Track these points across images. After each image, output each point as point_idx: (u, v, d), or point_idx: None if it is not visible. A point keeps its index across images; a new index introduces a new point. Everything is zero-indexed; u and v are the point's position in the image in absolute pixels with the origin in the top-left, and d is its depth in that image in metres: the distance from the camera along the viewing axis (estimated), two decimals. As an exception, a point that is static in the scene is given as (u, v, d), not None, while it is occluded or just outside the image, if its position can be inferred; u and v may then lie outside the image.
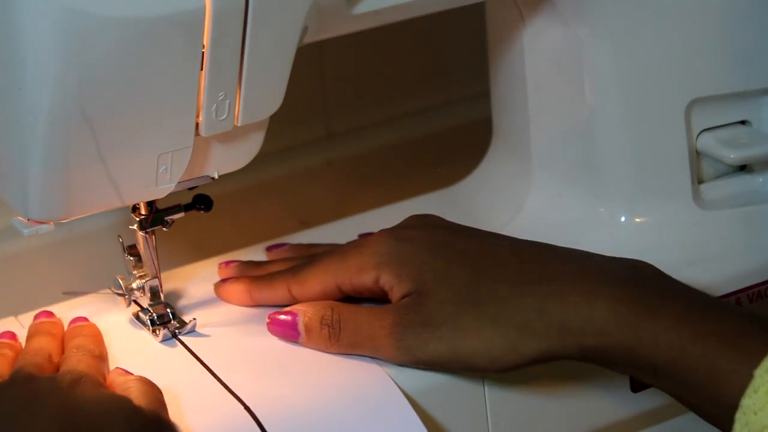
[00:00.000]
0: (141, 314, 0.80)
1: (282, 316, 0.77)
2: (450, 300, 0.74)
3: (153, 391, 0.71)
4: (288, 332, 0.77)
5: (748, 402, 0.65)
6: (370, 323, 0.75)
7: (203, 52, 0.69)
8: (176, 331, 0.79)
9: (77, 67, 0.66)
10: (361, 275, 0.76)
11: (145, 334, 0.80)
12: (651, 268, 0.76)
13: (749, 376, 0.66)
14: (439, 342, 0.73)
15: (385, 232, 0.78)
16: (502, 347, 0.72)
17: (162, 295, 0.80)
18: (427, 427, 0.72)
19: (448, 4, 0.84)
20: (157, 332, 0.79)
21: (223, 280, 0.83)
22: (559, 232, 0.81)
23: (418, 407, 0.73)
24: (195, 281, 0.85)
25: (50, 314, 0.80)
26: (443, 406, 0.75)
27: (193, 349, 0.78)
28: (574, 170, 0.88)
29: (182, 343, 0.79)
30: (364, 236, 0.79)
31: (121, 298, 0.81)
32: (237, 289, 0.82)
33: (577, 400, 0.80)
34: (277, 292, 0.80)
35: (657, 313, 0.71)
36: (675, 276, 0.76)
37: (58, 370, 0.74)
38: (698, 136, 0.87)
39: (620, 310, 0.71)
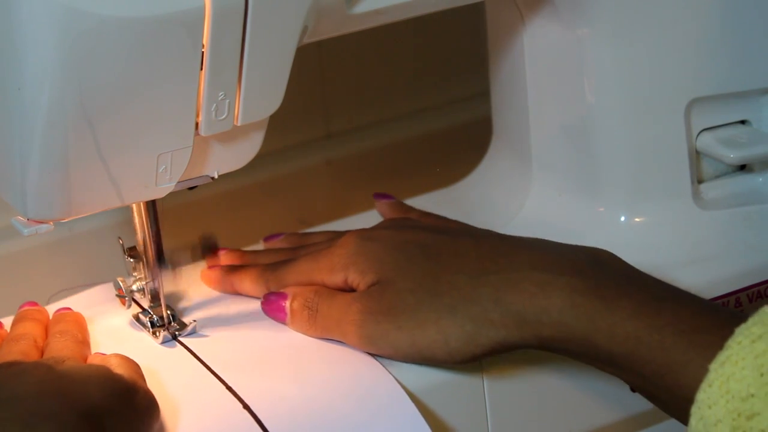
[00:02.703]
0: (141, 316, 0.80)
1: (273, 297, 0.79)
2: (409, 290, 0.74)
3: (130, 363, 0.72)
4: (277, 312, 0.79)
5: (702, 396, 0.65)
6: (339, 309, 0.76)
7: (203, 52, 0.69)
8: (176, 333, 0.79)
9: (77, 67, 0.66)
10: (331, 276, 0.78)
11: (145, 336, 0.80)
12: (611, 257, 0.76)
13: (704, 370, 0.65)
14: (398, 331, 0.74)
15: (354, 232, 0.79)
16: (459, 338, 0.73)
17: (162, 297, 0.80)
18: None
19: (448, 4, 0.84)
20: (157, 334, 0.79)
21: (210, 267, 0.85)
22: (559, 232, 0.81)
23: (418, 406, 0.73)
24: (195, 283, 0.85)
25: (35, 304, 0.81)
26: (443, 406, 0.75)
27: (194, 351, 0.78)
28: (574, 170, 0.88)
29: (183, 344, 0.79)
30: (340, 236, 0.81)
31: (120, 300, 0.81)
32: (220, 277, 0.83)
33: (576, 400, 0.80)
34: (256, 286, 0.82)
35: (613, 303, 0.71)
36: (675, 276, 0.76)
37: (42, 355, 0.75)
38: (698, 135, 0.87)
39: (577, 301, 0.71)
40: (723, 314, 0.70)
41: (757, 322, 0.65)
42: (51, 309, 0.82)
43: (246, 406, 0.72)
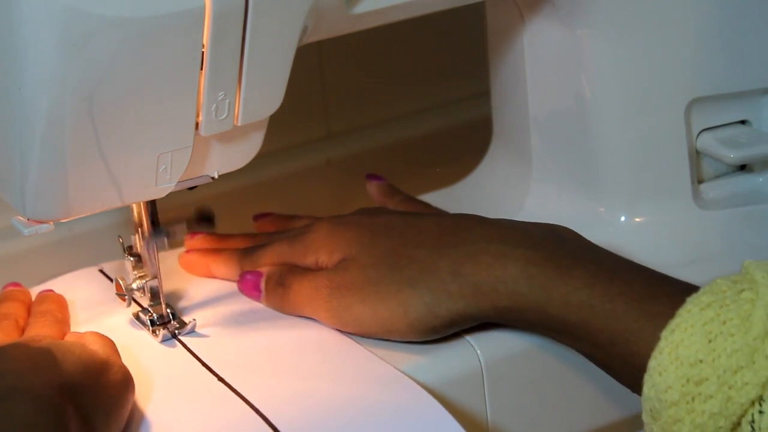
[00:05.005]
0: (141, 314, 0.80)
1: (249, 276, 0.81)
2: (372, 264, 0.77)
3: (104, 339, 0.74)
4: (251, 290, 0.81)
5: (653, 363, 0.66)
6: (308, 285, 0.78)
7: (203, 52, 0.69)
8: (176, 331, 0.79)
9: (77, 67, 0.66)
10: (304, 259, 0.80)
11: (144, 335, 0.80)
12: (568, 231, 0.78)
13: (656, 338, 0.66)
14: (361, 304, 0.76)
15: (327, 218, 0.83)
16: (418, 309, 0.75)
17: (162, 296, 0.80)
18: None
19: (448, 4, 0.84)
20: (157, 332, 0.79)
21: (187, 252, 0.86)
22: (559, 232, 0.81)
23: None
24: (195, 281, 0.85)
25: (19, 285, 0.83)
26: (443, 406, 0.75)
27: (193, 350, 0.78)
28: (574, 170, 0.88)
29: (182, 343, 0.79)
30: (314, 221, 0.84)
31: (120, 299, 0.81)
32: (197, 261, 0.85)
33: (576, 399, 0.80)
34: (231, 269, 0.84)
35: (567, 273, 0.72)
36: (675, 276, 0.76)
37: (23, 334, 0.77)
38: (698, 135, 0.87)
39: (531, 271, 0.73)
40: (676, 285, 0.71)
41: (707, 291, 0.67)
42: (35, 291, 0.83)
43: (248, 403, 0.72)
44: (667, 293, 0.70)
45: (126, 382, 0.71)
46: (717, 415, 0.64)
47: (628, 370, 0.70)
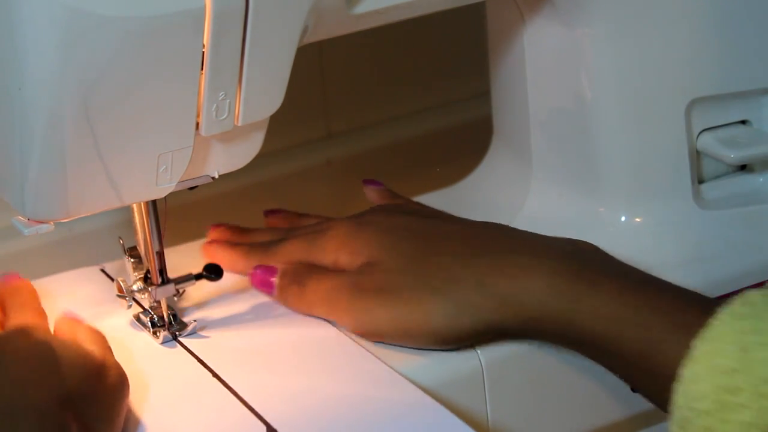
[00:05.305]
0: (142, 316, 0.80)
1: (260, 270, 0.81)
2: (396, 270, 0.76)
3: (98, 336, 0.73)
4: (264, 284, 0.81)
5: (686, 372, 0.66)
6: (328, 286, 0.78)
7: (203, 52, 0.69)
8: (177, 333, 0.79)
9: (77, 67, 0.66)
10: (322, 257, 0.80)
11: (145, 336, 0.80)
12: (593, 247, 0.78)
13: (686, 348, 0.66)
14: (383, 309, 0.75)
15: (346, 218, 0.82)
16: (441, 318, 0.74)
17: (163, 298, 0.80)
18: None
19: (448, 4, 0.84)
20: (158, 334, 0.79)
21: (210, 242, 0.86)
22: (559, 232, 0.81)
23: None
24: (196, 283, 0.85)
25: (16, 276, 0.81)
26: (443, 405, 0.75)
27: (194, 351, 0.78)
28: (574, 170, 0.88)
29: (183, 345, 0.79)
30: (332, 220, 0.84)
31: (121, 300, 0.81)
32: (217, 252, 0.85)
33: (576, 399, 0.80)
34: (249, 262, 0.83)
35: (596, 285, 0.72)
36: (675, 276, 0.76)
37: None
38: (698, 135, 0.87)
39: (558, 282, 0.73)
40: (704, 298, 0.72)
41: (741, 302, 0.67)
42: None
43: (247, 406, 0.72)
44: (697, 305, 0.70)
45: (123, 384, 0.71)
46: (751, 425, 0.64)
47: (657, 381, 0.70)
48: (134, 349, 0.78)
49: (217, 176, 0.77)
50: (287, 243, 0.82)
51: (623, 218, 0.87)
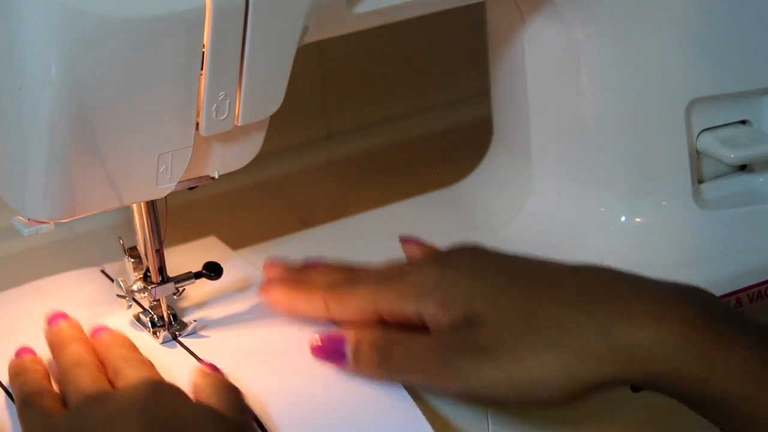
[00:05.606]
0: (142, 316, 0.80)
1: (329, 340, 0.73)
2: (505, 325, 0.69)
3: (237, 397, 0.69)
4: (334, 356, 0.73)
5: None
6: (422, 347, 0.70)
7: (203, 52, 0.69)
8: (177, 333, 0.79)
9: (77, 67, 0.66)
10: (401, 305, 0.72)
11: (145, 336, 0.80)
12: (706, 292, 0.71)
13: None
14: (494, 369, 0.68)
15: (427, 258, 0.75)
16: (561, 374, 0.67)
17: (163, 297, 0.80)
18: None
19: (448, 4, 0.84)
20: (158, 334, 0.79)
21: (267, 283, 0.79)
22: (559, 232, 0.81)
23: (419, 404, 0.73)
24: (196, 283, 0.85)
25: (65, 315, 0.78)
26: (443, 405, 0.75)
27: (194, 351, 0.78)
28: (574, 170, 0.88)
29: (183, 345, 0.79)
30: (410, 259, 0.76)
31: (121, 300, 0.81)
32: (279, 298, 0.78)
33: (578, 405, 0.80)
34: (313, 304, 0.76)
35: (729, 340, 0.66)
36: (675, 276, 0.75)
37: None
38: (698, 135, 0.87)
39: (692, 335, 0.66)
40: None
41: None
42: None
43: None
44: None
45: None
46: None
47: None
48: (134, 349, 0.78)
49: (217, 176, 0.77)
50: (358, 285, 0.74)
51: (623, 218, 0.87)
